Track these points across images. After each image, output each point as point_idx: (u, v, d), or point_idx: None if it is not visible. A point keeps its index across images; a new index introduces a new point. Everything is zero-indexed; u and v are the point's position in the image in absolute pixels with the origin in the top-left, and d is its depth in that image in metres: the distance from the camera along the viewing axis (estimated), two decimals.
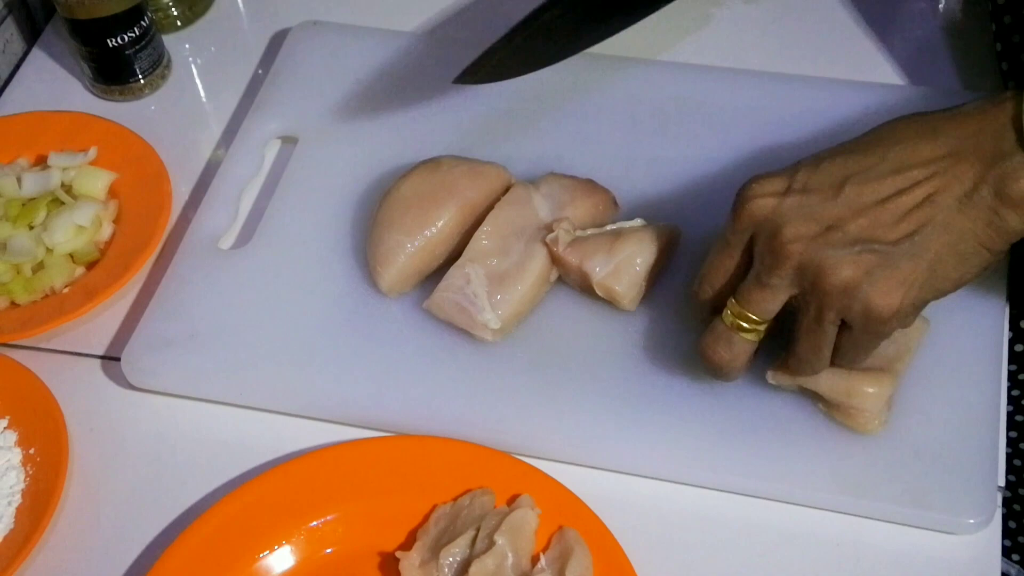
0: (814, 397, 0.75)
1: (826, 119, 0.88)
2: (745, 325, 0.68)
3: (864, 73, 0.95)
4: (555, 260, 0.79)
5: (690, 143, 0.89)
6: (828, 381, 0.73)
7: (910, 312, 0.65)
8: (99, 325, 0.86)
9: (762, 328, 0.68)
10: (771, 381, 0.75)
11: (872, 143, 0.67)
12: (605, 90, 0.93)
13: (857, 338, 0.67)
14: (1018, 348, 0.91)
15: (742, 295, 0.68)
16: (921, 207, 0.64)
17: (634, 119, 0.91)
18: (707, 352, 0.70)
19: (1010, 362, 0.89)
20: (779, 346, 0.77)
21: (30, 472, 0.78)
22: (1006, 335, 0.79)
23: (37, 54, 1.05)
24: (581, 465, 0.77)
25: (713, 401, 0.77)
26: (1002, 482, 0.73)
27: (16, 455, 0.79)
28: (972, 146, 0.64)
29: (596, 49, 0.96)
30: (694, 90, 0.93)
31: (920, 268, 0.64)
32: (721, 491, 0.75)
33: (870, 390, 0.73)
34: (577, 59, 0.95)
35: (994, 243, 0.65)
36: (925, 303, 0.66)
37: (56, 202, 0.91)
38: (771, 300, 0.67)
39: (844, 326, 0.67)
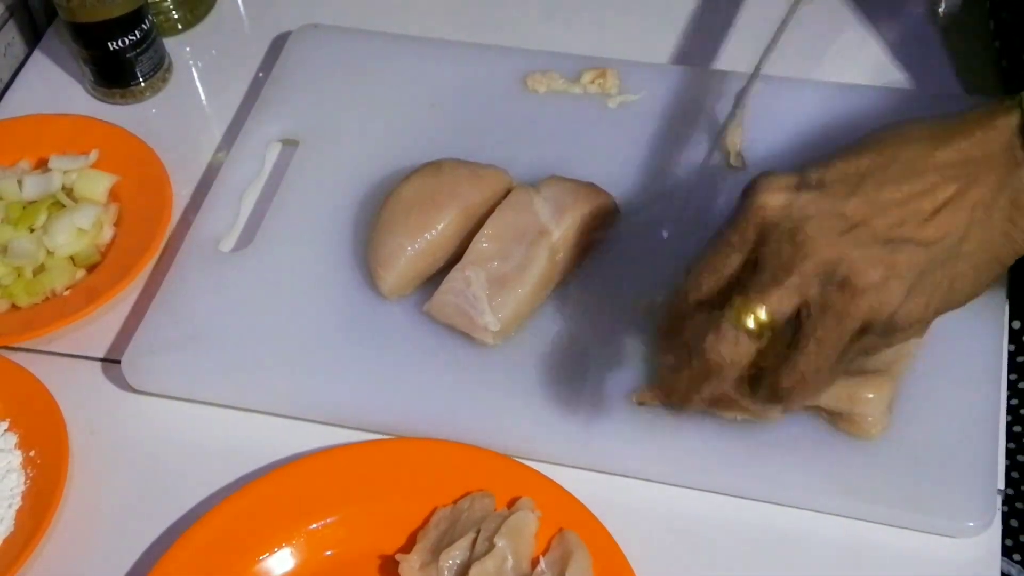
0: (815, 408, 0.75)
1: (827, 122, 0.88)
2: (752, 326, 0.60)
3: (864, 76, 0.95)
4: None
5: (691, 146, 0.89)
6: (829, 392, 0.73)
7: (928, 323, 0.62)
8: (100, 328, 0.86)
9: (768, 334, 0.61)
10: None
11: (879, 144, 0.63)
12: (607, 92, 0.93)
13: (868, 344, 0.62)
14: (1020, 359, 0.91)
15: (755, 291, 0.60)
16: (943, 213, 0.60)
17: (636, 122, 0.92)
18: (710, 351, 0.61)
19: (1009, 371, 0.89)
20: None
21: (30, 475, 0.78)
22: (1005, 336, 0.79)
23: (38, 57, 1.05)
24: (581, 468, 0.77)
25: None
26: (1002, 485, 0.73)
27: (16, 458, 0.79)
28: (983, 154, 0.61)
29: (598, 52, 0.97)
30: (695, 93, 0.93)
31: (947, 277, 0.61)
32: (721, 494, 0.75)
33: (870, 395, 0.73)
34: (579, 62, 0.95)
35: (1007, 255, 0.63)
36: (939, 315, 0.63)
37: (57, 205, 0.91)
38: (787, 300, 0.60)
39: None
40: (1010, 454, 0.93)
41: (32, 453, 0.79)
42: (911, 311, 0.60)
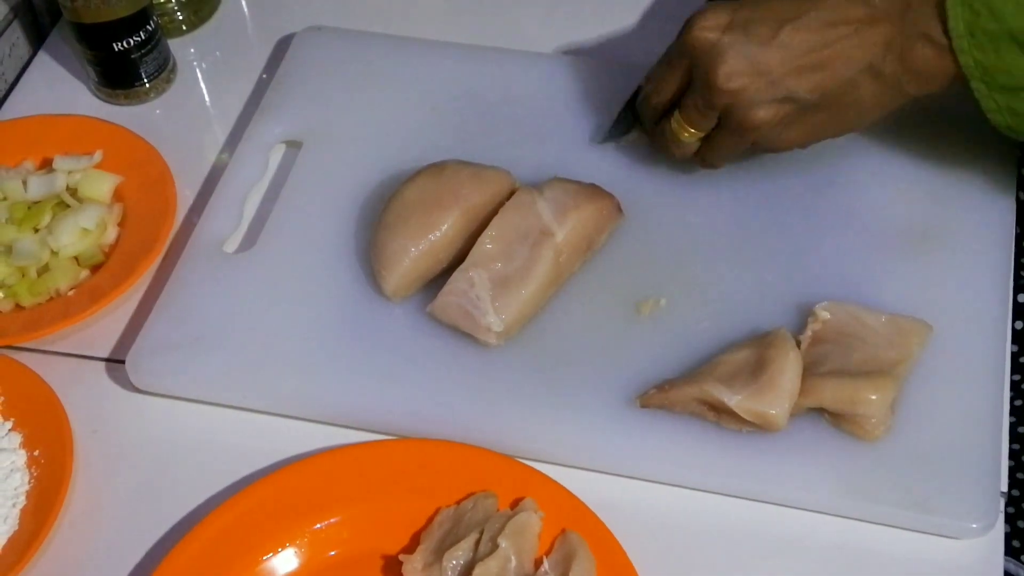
0: (819, 410, 0.75)
1: None
2: (687, 133, 0.80)
3: None
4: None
5: None
6: (832, 393, 0.73)
7: (806, 146, 0.79)
8: (104, 328, 0.87)
9: (701, 135, 0.80)
10: None
11: None
12: (610, 94, 0.93)
13: (756, 150, 0.81)
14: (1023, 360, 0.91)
15: (684, 112, 0.79)
16: (837, 65, 0.73)
17: None
18: (662, 149, 0.84)
19: (1012, 372, 0.90)
20: None
21: (34, 474, 0.78)
22: (1008, 337, 0.79)
23: (43, 58, 1.05)
24: (584, 469, 0.77)
25: None
26: (1005, 487, 0.73)
27: (21, 457, 0.79)
28: (890, 13, 0.71)
29: (602, 54, 0.97)
30: None
31: (824, 118, 0.76)
32: (724, 495, 0.75)
33: (873, 396, 0.73)
34: (583, 64, 0.96)
35: (890, 103, 0.75)
36: (820, 140, 0.79)
37: (61, 205, 0.91)
38: (706, 120, 0.78)
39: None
40: (1015, 455, 0.94)
41: (36, 452, 0.79)
42: (787, 141, 0.78)
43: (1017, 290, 0.88)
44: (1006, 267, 0.82)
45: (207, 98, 1.02)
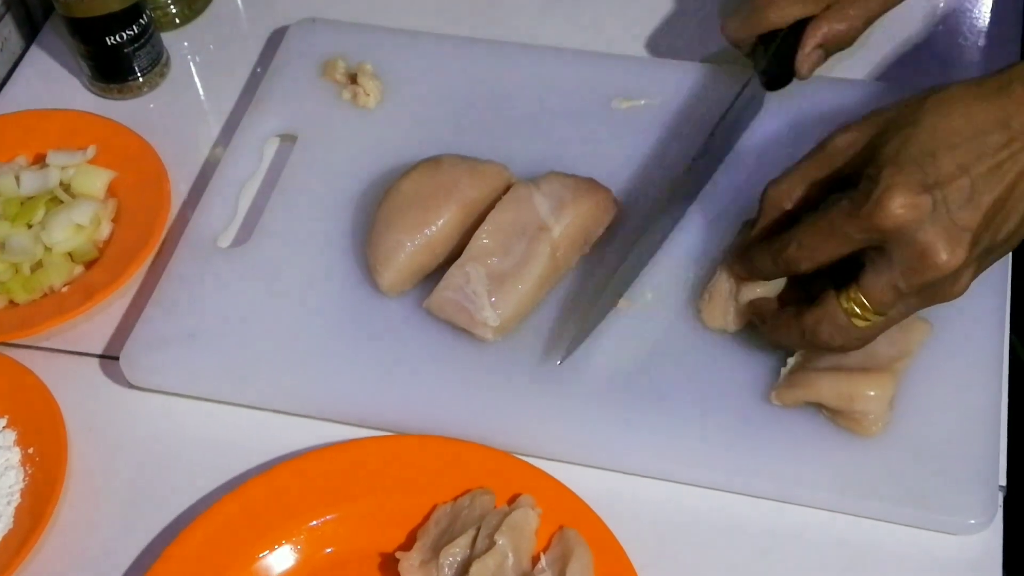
0: (816, 405, 0.75)
1: (830, 118, 0.88)
2: (859, 311, 0.68)
3: (871, 74, 0.95)
4: None
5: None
6: (830, 389, 0.73)
7: None
8: (98, 324, 0.86)
9: (873, 319, 0.68)
10: (774, 402, 0.75)
11: (955, 129, 0.65)
12: (607, 88, 0.93)
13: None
14: None
15: (871, 290, 0.67)
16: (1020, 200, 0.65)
17: (635, 118, 0.91)
18: (816, 329, 0.70)
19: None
20: (779, 359, 0.77)
21: (29, 471, 0.78)
22: (1007, 334, 0.79)
23: (36, 52, 1.05)
24: (582, 465, 0.76)
25: (715, 402, 0.77)
26: (1003, 482, 0.73)
27: (15, 454, 0.79)
28: None
29: (598, 48, 0.97)
30: (696, 90, 0.93)
31: (1001, 254, 0.69)
32: (722, 491, 0.75)
33: (871, 393, 0.73)
34: (580, 58, 0.95)
35: None
36: None
37: (55, 201, 0.91)
38: (900, 302, 0.67)
39: None
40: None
41: (31, 450, 0.79)
42: (964, 289, 0.68)
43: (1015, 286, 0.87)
44: (1004, 264, 0.81)
45: (201, 92, 1.02)
